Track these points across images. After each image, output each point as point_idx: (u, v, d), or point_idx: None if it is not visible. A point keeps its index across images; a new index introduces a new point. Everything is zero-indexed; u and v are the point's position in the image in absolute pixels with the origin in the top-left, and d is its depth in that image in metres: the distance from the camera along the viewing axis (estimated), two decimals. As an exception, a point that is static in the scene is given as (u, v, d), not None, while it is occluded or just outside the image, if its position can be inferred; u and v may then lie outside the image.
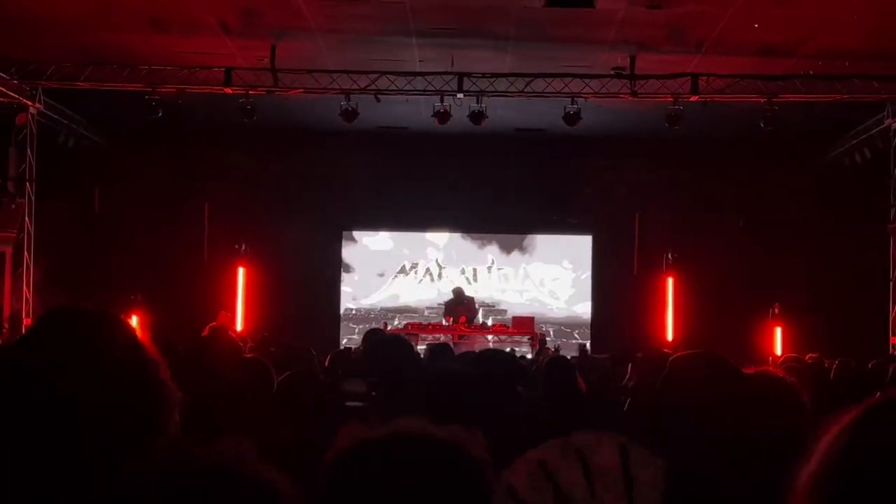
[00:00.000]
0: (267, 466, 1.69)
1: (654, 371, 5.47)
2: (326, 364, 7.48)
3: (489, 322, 18.47)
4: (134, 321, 16.75)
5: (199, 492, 1.61)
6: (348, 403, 5.49)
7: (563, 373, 6.40)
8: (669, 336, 18.14)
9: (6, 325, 13.47)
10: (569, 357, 9.14)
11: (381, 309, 19.44)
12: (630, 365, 8.22)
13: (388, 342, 6.34)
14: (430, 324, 17.87)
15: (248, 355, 5.20)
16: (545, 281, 20.09)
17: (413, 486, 1.67)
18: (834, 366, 7.92)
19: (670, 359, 3.46)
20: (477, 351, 8.61)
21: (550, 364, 6.56)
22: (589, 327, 19.55)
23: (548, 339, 17.73)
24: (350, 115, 14.13)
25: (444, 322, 17.85)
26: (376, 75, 13.59)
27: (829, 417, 1.31)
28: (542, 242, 20.20)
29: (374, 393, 5.36)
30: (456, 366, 5.59)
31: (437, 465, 1.70)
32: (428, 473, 1.68)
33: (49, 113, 14.88)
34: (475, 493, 1.69)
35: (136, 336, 2.09)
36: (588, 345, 17.91)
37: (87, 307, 2.13)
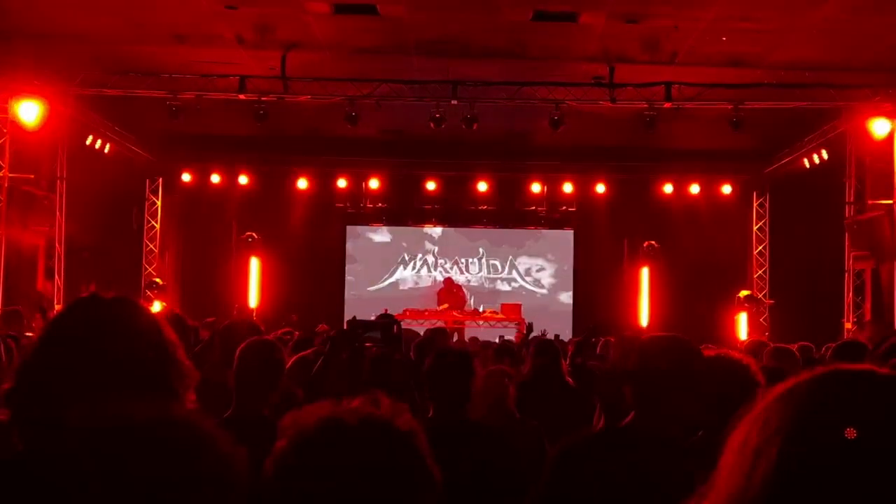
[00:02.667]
0: (403, 417, 1.75)
1: (627, 348, 5.54)
2: (345, 325, 7.59)
3: (481, 308, 18.51)
4: (157, 306, 16.78)
5: (358, 440, 1.69)
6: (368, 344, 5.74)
7: (549, 350, 6.49)
8: (644, 321, 18.23)
9: (38, 313, 13.46)
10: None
11: (382, 296, 19.49)
12: (600, 341, 8.31)
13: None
14: (426, 310, 17.90)
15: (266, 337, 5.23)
16: (531, 271, 20.14)
17: (360, 461, 1.67)
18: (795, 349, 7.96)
19: (642, 338, 3.53)
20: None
21: (539, 344, 6.66)
22: (571, 314, 19.61)
23: (533, 324, 17.75)
24: (354, 119, 14.15)
25: (438, 308, 17.94)
26: (377, 83, 13.60)
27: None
28: (528, 236, 20.25)
29: (389, 333, 5.53)
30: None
31: (374, 443, 1.69)
32: (368, 454, 1.68)
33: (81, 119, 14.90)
34: (408, 456, 1.71)
35: (156, 321, 2.14)
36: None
37: (112, 295, 2.16)
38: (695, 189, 18.89)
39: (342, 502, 1.66)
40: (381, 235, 20.19)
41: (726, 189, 19.04)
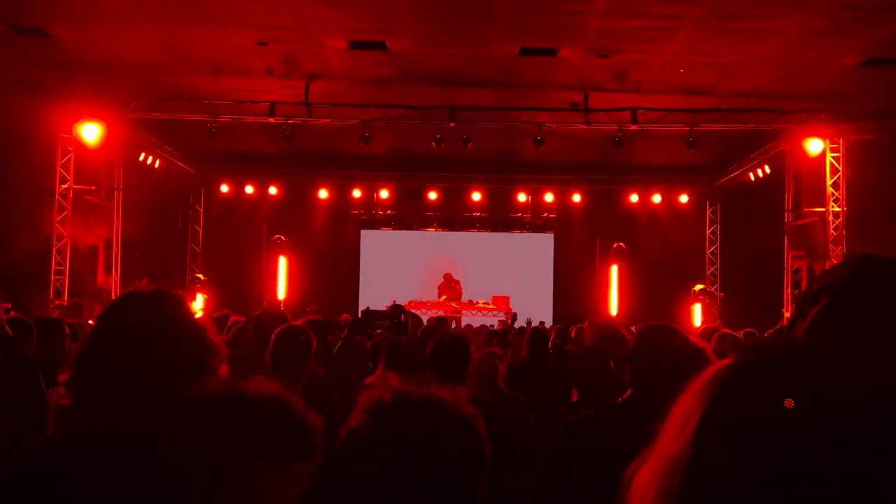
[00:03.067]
0: (463, 404, 1.75)
1: (602, 333, 5.55)
2: (360, 315, 7.59)
3: (475, 300, 18.51)
4: (200, 299, 16.78)
5: (419, 420, 1.68)
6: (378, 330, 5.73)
7: (542, 338, 6.51)
8: (614, 311, 18.23)
9: (98, 304, 13.48)
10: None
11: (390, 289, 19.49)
12: (575, 328, 8.31)
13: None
14: (428, 301, 17.91)
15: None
16: (517, 268, 20.12)
17: (427, 439, 1.67)
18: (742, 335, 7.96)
19: (641, 327, 3.55)
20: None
21: (534, 332, 6.69)
22: (551, 305, 19.61)
23: (517, 314, 17.78)
24: (367, 139, 14.15)
25: (438, 299, 17.95)
26: (387, 108, 13.60)
27: None
28: (515, 238, 20.24)
29: (396, 322, 5.55)
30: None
31: (444, 421, 1.70)
32: (438, 429, 1.68)
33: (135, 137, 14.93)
34: (473, 439, 1.71)
35: (189, 309, 2.15)
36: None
37: (154, 289, 2.17)
38: (657, 198, 18.89)
39: (412, 473, 1.65)
40: (389, 237, 20.17)
41: (683, 198, 19.06)
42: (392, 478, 1.64)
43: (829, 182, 14.40)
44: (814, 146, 13.89)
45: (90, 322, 8.21)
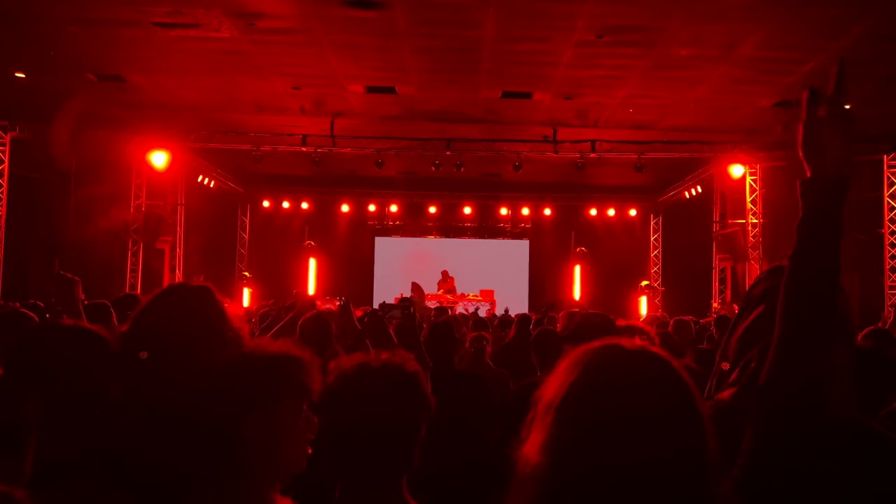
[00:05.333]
0: (410, 363, 1.77)
1: (571, 319, 5.52)
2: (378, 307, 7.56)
3: (466, 293, 18.49)
4: (246, 292, 16.74)
5: (381, 376, 1.71)
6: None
7: (526, 323, 6.51)
8: (577, 299, 18.21)
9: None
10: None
11: (399, 284, 19.46)
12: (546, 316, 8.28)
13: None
14: (428, 293, 17.87)
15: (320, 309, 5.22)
16: (500, 267, 20.09)
17: (380, 391, 1.70)
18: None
19: (580, 313, 3.53)
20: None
21: (521, 318, 6.69)
22: (527, 297, 19.60)
23: (497, 303, 17.75)
24: (380, 165, 14.13)
25: (437, 292, 17.91)
26: (396, 140, 13.59)
27: None
28: (498, 244, 20.23)
29: (406, 312, 5.52)
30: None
31: (389, 378, 1.72)
32: (385, 384, 1.71)
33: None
34: (412, 396, 1.73)
35: (219, 301, 2.06)
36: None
37: (192, 283, 2.10)
38: (611, 212, 18.88)
39: (369, 418, 1.67)
40: (397, 243, 20.15)
41: (632, 212, 19.05)
42: (345, 424, 1.67)
43: (748, 199, 14.41)
44: (736, 170, 13.90)
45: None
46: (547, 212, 18.88)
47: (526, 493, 1.10)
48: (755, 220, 14.31)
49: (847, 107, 1.37)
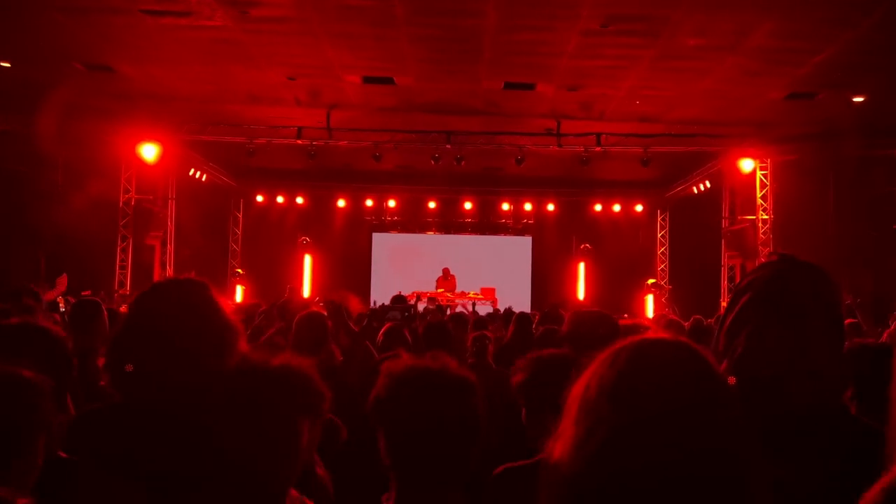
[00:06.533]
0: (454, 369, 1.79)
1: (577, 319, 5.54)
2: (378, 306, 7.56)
3: (466, 291, 18.50)
4: (238, 289, 16.75)
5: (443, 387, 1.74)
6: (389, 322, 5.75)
7: (525, 321, 6.52)
8: (580, 300, 18.22)
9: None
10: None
11: (396, 282, 19.46)
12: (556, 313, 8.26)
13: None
14: (428, 291, 17.87)
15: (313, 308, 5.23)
16: (502, 264, 20.10)
17: (438, 400, 1.73)
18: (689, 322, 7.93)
19: (574, 311, 3.53)
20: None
21: (519, 316, 6.69)
22: (529, 295, 19.62)
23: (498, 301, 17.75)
24: (378, 158, 14.13)
25: (436, 290, 17.91)
26: (394, 132, 13.59)
27: None
28: (500, 240, 20.23)
29: (406, 314, 5.53)
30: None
31: (450, 387, 1.75)
32: (447, 393, 1.74)
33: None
34: (471, 400, 1.77)
35: (213, 295, 2.05)
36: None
37: (182, 278, 2.09)
38: (616, 208, 18.89)
39: (435, 424, 1.70)
40: (395, 239, 20.14)
41: (638, 208, 19.05)
42: (408, 431, 1.71)
43: (759, 194, 14.42)
44: (746, 165, 13.90)
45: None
46: (550, 207, 18.88)
47: (556, 494, 1.09)
48: (765, 217, 14.31)
49: None
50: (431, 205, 19.14)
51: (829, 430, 1.32)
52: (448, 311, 13.59)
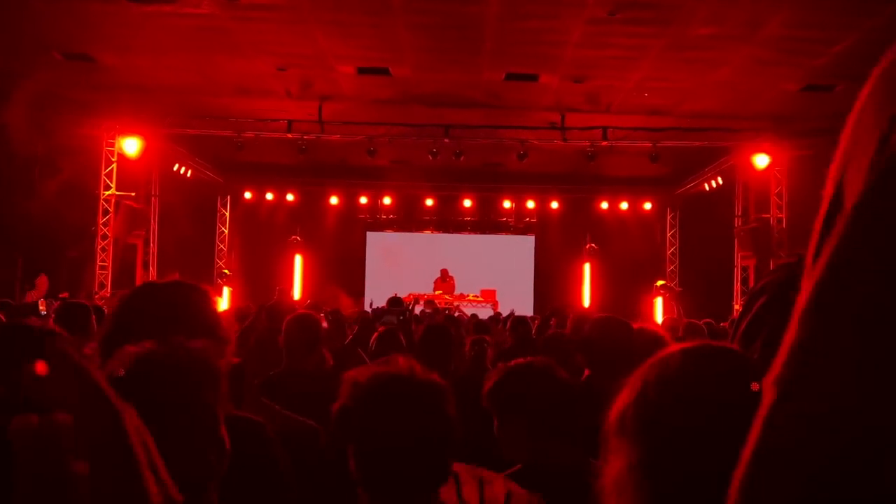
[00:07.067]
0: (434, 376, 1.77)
1: (579, 323, 5.54)
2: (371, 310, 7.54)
3: (466, 293, 18.50)
4: (225, 291, 16.74)
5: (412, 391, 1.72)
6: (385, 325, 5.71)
7: (524, 325, 6.52)
8: (587, 303, 18.23)
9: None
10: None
11: (392, 284, 19.45)
12: (553, 318, 8.28)
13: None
14: (425, 294, 17.88)
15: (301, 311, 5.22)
16: (503, 265, 20.10)
17: (417, 403, 1.72)
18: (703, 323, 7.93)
19: (592, 318, 3.53)
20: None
21: (516, 320, 6.70)
22: (532, 298, 19.61)
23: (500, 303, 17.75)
24: (372, 153, 14.13)
25: (434, 293, 17.92)
26: (390, 126, 13.59)
27: None
28: (501, 240, 20.23)
29: (402, 317, 5.50)
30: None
31: (419, 394, 1.73)
32: (416, 401, 1.72)
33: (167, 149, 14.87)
34: (442, 405, 1.74)
35: (203, 296, 2.05)
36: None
37: (171, 280, 2.09)
38: (624, 205, 18.90)
39: (405, 432, 1.69)
40: (391, 238, 20.14)
41: (647, 206, 19.07)
42: (377, 440, 1.69)
43: (773, 192, 14.43)
44: (760, 160, 13.92)
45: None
46: (554, 205, 18.88)
47: None
48: (781, 215, 14.32)
49: None
50: (429, 202, 19.15)
51: None
52: (447, 313, 13.59)
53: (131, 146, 13.36)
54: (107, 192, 14.14)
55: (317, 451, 2.81)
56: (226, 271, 17.94)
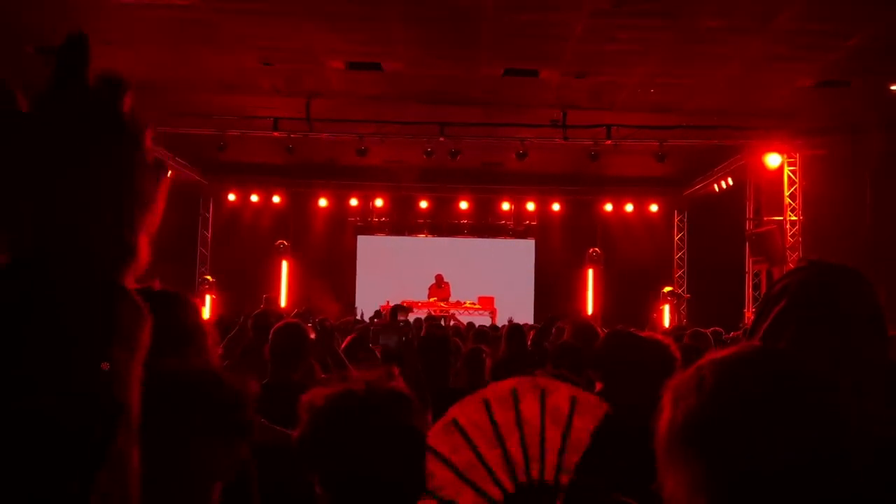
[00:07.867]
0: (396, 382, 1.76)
1: (580, 332, 5.55)
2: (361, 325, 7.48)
3: (462, 300, 18.50)
4: (207, 299, 16.71)
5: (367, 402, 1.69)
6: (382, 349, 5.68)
7: (519, 334, 6.52)
8: (590, 310, 18.24)
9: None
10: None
11: (385, 291, 19.43)
12: (555, 326, 8.29)
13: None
14: (419, 301, 17.89)
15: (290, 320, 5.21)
16: (501, 271, 20.10)
17: (374, 422, 1.69)
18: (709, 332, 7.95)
19: (604, 333, 3.54)
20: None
21: (512, 329, 6.69)
22: (532, 305, 19.61)
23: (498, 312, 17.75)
24: (363, 152, 14.14)
25: (428, 300, 17.93)
26: (382, 124, 13.60)
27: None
28: (499, 244, 20.23)
29: (403, 338, 5.46)
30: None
31: (380, 410, 1.71)
32: (377, 418, 1.70)
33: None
34: (407, 417, 1.73)
35: (187, 307, 2.10)
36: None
37: (155, 287, 2.11)
38: (629, 208, 18.94)
39: (366, 456, 1.67)
40: (383, 242, 20.13)
41: (653, 208, 19.10)
42: (338, 464, 1.67)
43: (786, 193, 14.48)
44: (772, 160, 13.96)
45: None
46: (555, 207, 18.91)
47: None
48: (794, 217, 14.37)
49: None
50: (423, 204, 19.15)
51: (874, 451, 1.36)
52: (442, 322, 13.60)
53: (108, 145, 13.34)
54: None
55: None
56: (208, 278, 17.92)
